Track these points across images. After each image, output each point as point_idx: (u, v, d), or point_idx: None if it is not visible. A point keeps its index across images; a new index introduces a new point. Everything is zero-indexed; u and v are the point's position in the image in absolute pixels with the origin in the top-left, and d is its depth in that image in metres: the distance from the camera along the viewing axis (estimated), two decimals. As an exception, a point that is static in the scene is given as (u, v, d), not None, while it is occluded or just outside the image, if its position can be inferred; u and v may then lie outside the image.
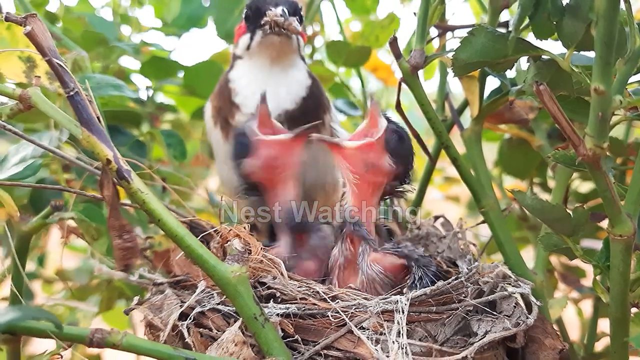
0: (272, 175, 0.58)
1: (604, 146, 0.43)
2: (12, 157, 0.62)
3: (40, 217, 0.51)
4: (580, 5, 0.46)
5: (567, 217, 0.49)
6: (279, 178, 0.58)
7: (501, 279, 0.55)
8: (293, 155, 0.58)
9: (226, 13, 0.91)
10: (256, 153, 0.57)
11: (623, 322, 0.50)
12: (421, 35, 0.58)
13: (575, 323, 0.94)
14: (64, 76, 0.45)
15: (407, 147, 0.57)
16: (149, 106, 0.89)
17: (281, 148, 0.57)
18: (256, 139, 0.57)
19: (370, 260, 0.55)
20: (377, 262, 0.55)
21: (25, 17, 0.45)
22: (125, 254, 0.46)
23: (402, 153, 0.56)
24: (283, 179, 0.58)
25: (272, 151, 0.57)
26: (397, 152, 0.55)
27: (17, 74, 0.57)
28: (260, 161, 0.57)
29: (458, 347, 0.48)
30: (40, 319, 0.40)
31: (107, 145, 0.45)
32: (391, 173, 0.56)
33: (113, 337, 0.43)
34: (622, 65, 0.44)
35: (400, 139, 0.56)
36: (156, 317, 0.53)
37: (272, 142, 0.57)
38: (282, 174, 0.58)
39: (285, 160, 0.58)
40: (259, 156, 0.57)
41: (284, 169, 0.58)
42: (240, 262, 0.46)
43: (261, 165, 0.58)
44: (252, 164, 0.58)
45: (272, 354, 0.45)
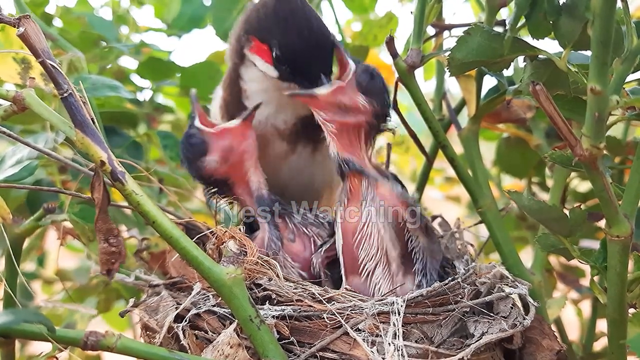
0: (233, 166, 0.57)
1: (600, 146, 0.42)
2: (8, 159, 0.62)
3: (33, 220, 0.51)
4: (576, 5, 0.46)
5: (564, 217, 0.49)
6: (241, 168, 0.58)
7: (498, 280, 0.55)
8: (248, 141, 0.57)
9: (225, 12, 0.91)
10: (210, 149, 0.57)
11: (620, 323, 0.49)
12: (418, 34, 0.58)
13: (574, 323, 0.94)
14: (57, 78, 0.44)
15: (379, 83, 0.57)
16: (146, 107, 0.89)
17: (233, 136, 0.57)
18: (206, 133, 0.57)
19: (378, 194, 0.55)
20: (384, 199, 0.55)
21: (19, 18, 0.45)
22: (109, 258, 0.46)
23: (374, 90, 0.56)
24: (245, 168, 0.58)
25: (225, 142, 0.57)
26: (369, 89, 0.56)
27: (11, 76, 0.57)
28: (218, 155, 0.57)
29: (454, 349, 0.48)
30: (33, 321, 0.40)
31: (101, 147, 0.45)
32: (368, 112, 0.56)
33: (107, 339, 0.43)
34: (619, 65, 0.44)
35: (371, 77, 0.56)
36: (152, 319, 0.53)
37: (223, 132, 0.57)
38: (243, 162, 0.58)
39: (241, 147, 0.57)
40: (215, 149, 0.57)
41: (243, 156, 0.57)
42: (236, 263, 0.46)
43: (220, 159, 0.57)
44: (211, 161, 0.57)
45: (267, 356, 0.45)
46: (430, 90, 0.82)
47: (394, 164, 1.12)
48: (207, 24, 0.98)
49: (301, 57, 0.54)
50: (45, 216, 0.53)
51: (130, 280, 0.61)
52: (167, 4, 0.98)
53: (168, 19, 0.97)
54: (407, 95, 0.60)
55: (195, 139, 0.57)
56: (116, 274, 0.60)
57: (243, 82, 0.61)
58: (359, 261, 0.54)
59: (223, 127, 0.57)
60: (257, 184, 0.58)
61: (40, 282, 1.04)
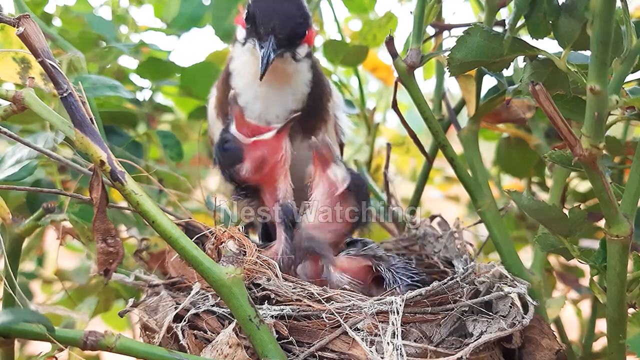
0: (266, 175, 0.58)
1: (600, 146, 0.42)
2: (8, 159, 0.62)
3: (33, 220, 0.51)
4: (576, 5, 0.46)
5: (563, 217, 0.49)
6: (272, 176, 0.58)
7: (497, 279, 0.55)
8: (280, 151, 0.58)
9: (224, 12, 0.91)
10: (245, 157, 0.58)
11: (620, 323, 0.50)
12: (417, 34, 0.58)
13: (574, 323, 0.94)
14: (57, 77, 0.44)
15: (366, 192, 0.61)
16: (145, 107, 0.89)
17: (267, 147, 0.58)
18: (243, 142, 0.58)
19: (337, 270, 0.56)
20: (345, 270, 0.56)
21: (19, 18, 0.45)
22: (106, 258, 0.46)
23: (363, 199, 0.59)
24: (276, 177, 0.59)
25: (259, 152, 0.57)
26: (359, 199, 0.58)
27: (11, 75, 0.57)
28: (252, 164, 0.58)
29: (453, 348, 0.48)
30: (33, 321, 0.40)
31: (100, 147, 0.45)
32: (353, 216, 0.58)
33: (107, 339, 0.43)
34: (618, 65, 0.44)
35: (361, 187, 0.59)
36: (151, 319, 0.53)
37: (258, 143, 0.58)
38: (274, 173, 0.58)
39: (273, 159, 0.58)
40: (249, 159, 0.58)
41: (275, 167, 0.58)
42: (235, 263, 0.45)
43: (252, 169, 0.58)
44: (244, 169, 0.58)
45: (267, 355, 0.45)
46: (430, 90, 0.82)
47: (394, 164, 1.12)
48: (206, 24, 0.98)
49: (261, 16, 0.57)
50: (44, 216, 0.52)
51: (129, 280, 0.61)
52: (166, 3, 0.97)
53: (167, 18, 0.97)
54: (407, 95, 0.60)
55: (230, 145, 0.58)
56: (116, 273, 0.60)
57: (232, 80, 0.63)
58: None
59: (258, 139, 0.58)
60: (284, 192, 0.59)
61: (39, 282, 1.04)
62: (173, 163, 0.80)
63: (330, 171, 0.58)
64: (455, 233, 0.66)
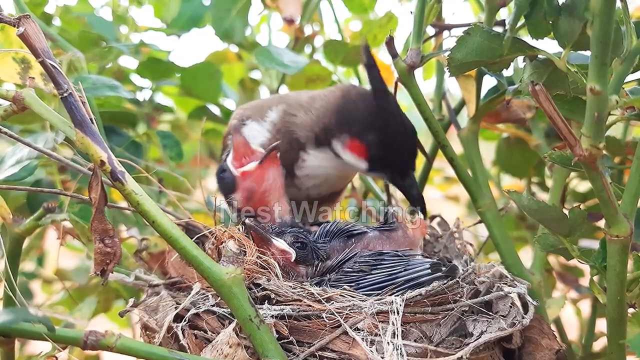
0: (257, 203, 0.59)
1: (600, 146, 0.42)
2: (8, 159, 0.62)
3: (33, 219, 0.51)
4: (576, 5, 0.46)
5: (563, 217, 0.49)
6: (265, 203, 0.60)
7: (497, 279, 0.55)
8: (270, 178, 0.59)
9: (224, 12, 0.91)
10: (237, 187, 0.59)
11: (620, 323, 0.50)
12: (417, 34, 0.58)
13: (574, 323, 0.94)
14: (57, 77, 0.44)
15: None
16: (145, 107, 0.89)
17: (253, 178, 0.59)
18: (233, 174, 0.59)
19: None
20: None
21: (19, 18, 0.45)
22: (103, 259, 0.46)
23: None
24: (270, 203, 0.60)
25: (247, 183, 0.59)
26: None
27: (11, 75, 0.57)
28: (242, 194, 0.59)
29: (453, 348, 0.48)
30: (33, 321, 0.40)
31: (100, 147, 0.45)
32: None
33: (107, 339, 0.43)
34: (618, 65, 0.44)
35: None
36: (151, 319, 0.53)
37: (244, 174, 0.59)
38: (266, 199, 0.59)
39: (262, 188, 0.59)
40: (240, 189, 0.59)
41: (265, 195, 0.59)
42: (235, 263, 0.45)
43: (244, 198, 0.59)
44: (239, 198, 0.59)
45: (267, 355, 0.45)
46: (430, 90, 0.82)
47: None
48: (206, 24, 0.98)
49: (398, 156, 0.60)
50: (45, 216, 0.52)
51: (129, 280, 0.61)
52: (166, 3, 0.97)
53: (167, 18, 0.97)
54: (407, 95, 0.61)
55: (225, 175, 0.60)
56: (116, 273, 0.60)
57: (305, 154, 0.64)
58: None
59: (244, 171, 0.59)
60: (280, 212, 0.60)
61: (39, 281, 1.04)
62: (173, 163, 0.80)
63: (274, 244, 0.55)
64: (455, 233, 0.66)
